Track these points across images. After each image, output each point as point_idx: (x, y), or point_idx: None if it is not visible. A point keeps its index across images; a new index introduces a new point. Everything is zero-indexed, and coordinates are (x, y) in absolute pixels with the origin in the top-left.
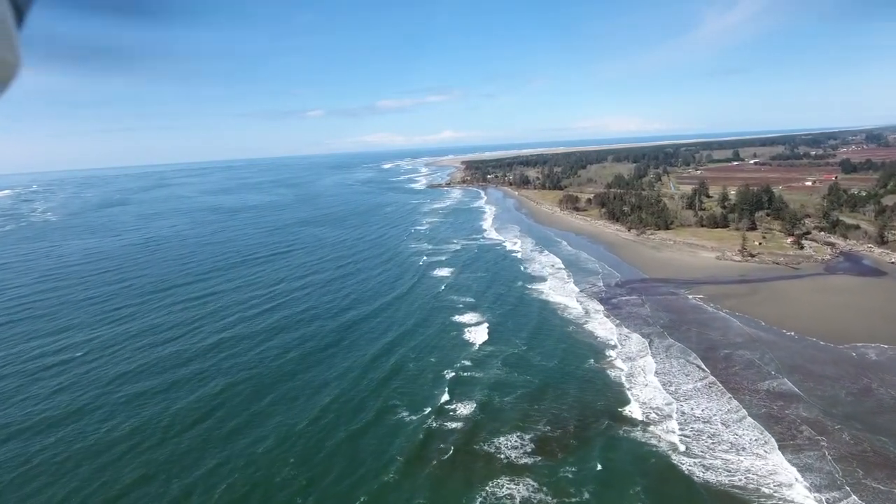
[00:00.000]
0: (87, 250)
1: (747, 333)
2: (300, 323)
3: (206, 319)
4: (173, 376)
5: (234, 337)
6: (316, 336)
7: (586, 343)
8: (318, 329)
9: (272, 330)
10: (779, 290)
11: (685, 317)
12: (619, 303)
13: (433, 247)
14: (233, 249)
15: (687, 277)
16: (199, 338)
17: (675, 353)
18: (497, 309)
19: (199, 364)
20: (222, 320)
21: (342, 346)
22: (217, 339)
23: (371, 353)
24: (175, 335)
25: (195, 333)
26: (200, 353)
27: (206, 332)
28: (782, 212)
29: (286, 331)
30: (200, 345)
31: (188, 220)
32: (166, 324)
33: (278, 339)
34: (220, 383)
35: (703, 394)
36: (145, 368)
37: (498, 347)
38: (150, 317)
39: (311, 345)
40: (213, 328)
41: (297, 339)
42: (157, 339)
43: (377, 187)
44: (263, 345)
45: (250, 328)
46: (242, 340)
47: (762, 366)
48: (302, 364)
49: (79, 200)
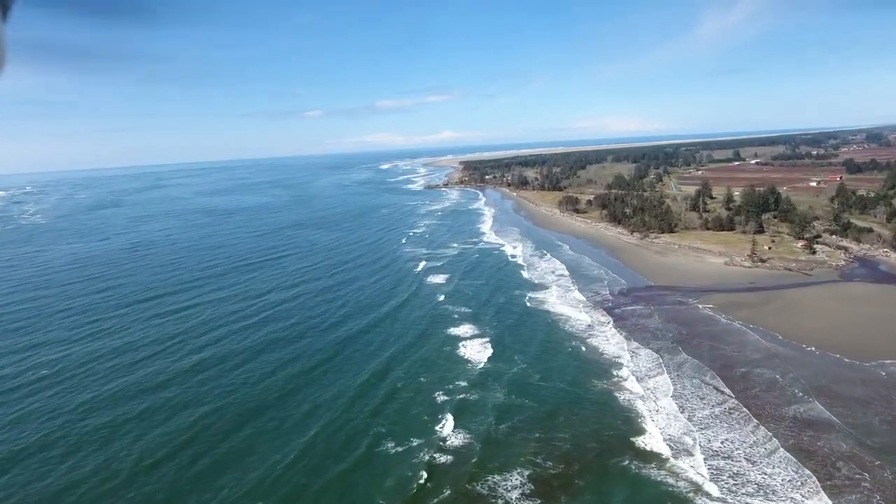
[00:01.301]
0: (72, 255)
1: (765, 348)
2: (288, 339)
3: (188, 335)
4: (147, 402)
5: (217, 355)
6: (305, 354)
7: (592, 360)
8: (308, 346)
9: (258, 347)
10: (793, 299)
11: (696, 329)
12: (625, 313)
13: (430, 251)
14: (223, 255)
15: (695, 285)
16: (179, 356)
17: (688, 371)
18: (496, 321)
19: (176, 388)
20: (205, 335)
21: (333, 366)
22: (198, 358)
23: (363, 376)
24: (153, 353)
25: (175, 351)
26: (179, 375)
27: (186, 350)
28: (790, 214)
29: (273, 348)
30: (179, 365)
31: (180, 223)
32: (145, 340)
33: (264, 359)
34: (197, 411)
35: (725, 421)
36: (117, 392)
37: (497, 366)
38: (129, 331)
39: (299, 365)
40: (194, 345)
41: (285, 358)
42: (133, 358)
43: (374, 188)
44: (247, 364)
45: (234, 345)
46: (225, 359)
47: (785, 387)
48: (288, 387)
49: (71, 202)
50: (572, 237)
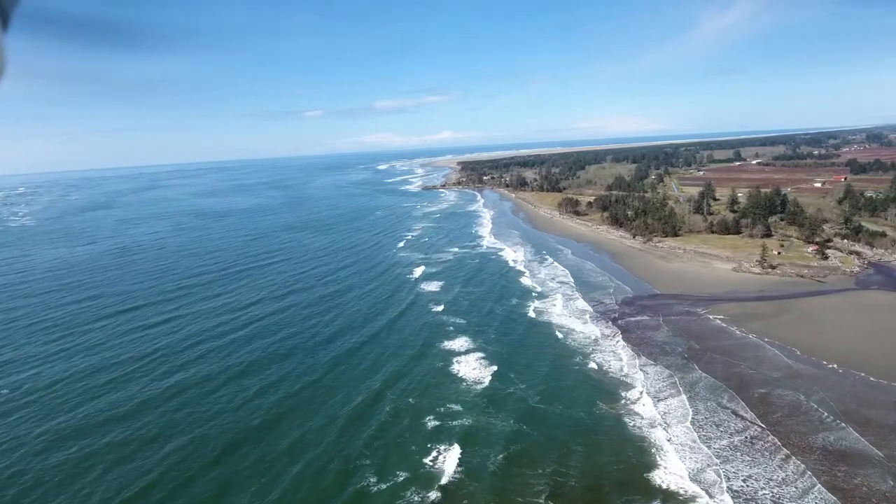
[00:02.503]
0: (57, 260)
1: (783, 365)
2: (275, 358)
3: (167, 352)
4: (115, 432)
5: (196, 376)
6: (292, 375)
7: (598, 379)
8: (295, 366)
9: (241, 367)
10: (809, 310)
11: (708, 343)
12: (631, 325)
13: (426, 256)
14: (211, 260)
15: (703, 293)
16: (155, 377)
17: (703, 391)
18: (495, 335)
19: (148, 415)
20: (185, 353)
21: (321, 389)
22: (175, 380)
23: (354, 401)
24: (127, 373)
25: (151, 370)
26: (152, 400)
27: (164, 370)
28: (798, 216)
29: (257, 368)
30: (154, 387)
31: (170, 226)
32: (120, 357)
33: (247, 381)
34: (170, 443)
35: (749, 451)
36: (80, 422)
37: (496, 388)
38: (104, 347)
39: (284, 388)
40: (173, 364)
41: (270, 379)
42: (105, 379)
43: (370, 189)
44: (229, 387)
45: (216, 364)
46: (205, 381)
47: (811, 410)
48: (272, 415)
49: (63, 203)
50: (573, 241)
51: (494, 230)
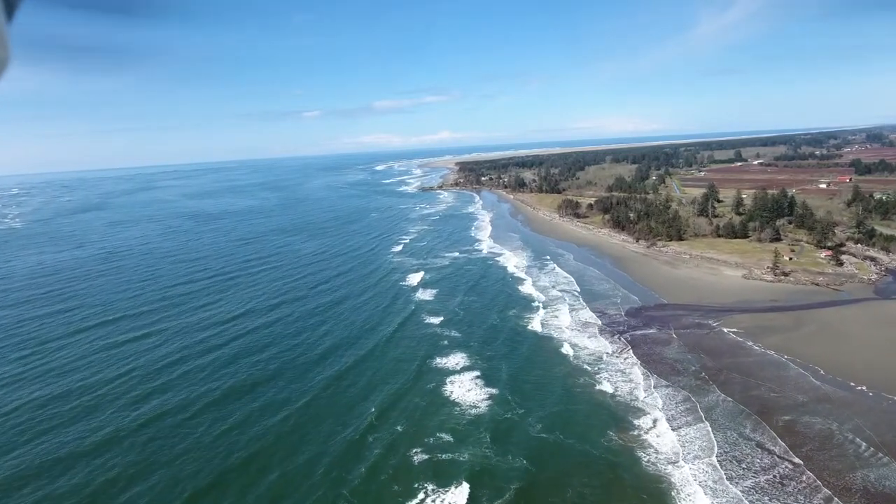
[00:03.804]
0: (39, 266)
1: (809, 387)
2: (258, 381)
3: (140, 373)
4: (69, 476)
5: (169, 403)
6: (276, 402)
7: (607, 404)
8: (281, 391)
9: (220, 393)
10: (827, 322)
11: (723, 360)
12: (639, 339)
13: (422, 262)
14: (199, 266)
15: (713, 303)
16: (124, 404)
17: (722, 417)
18: (494, 352)
19: (110, 452)
20: (161, 374)
21: (307, 420)
22: (146, 408)
23: (343, 436)
24: (94, 399)
25: (121, 396)
26: (118, 434)
27: (134, 397)
28: (807, 219)
29: (239, 394)
30: (121, 418)
31: (160, 229)
32: (89, 380)
33: (226, 409)
34: (129, 491)
35: (782, 492)
36: (35, 458)
37: (494, 414)
38: (74, 366)
39: (267, 418)
40: (146, 389)
41: (252, 407)
42: (68, 407)
43: (367, 190)
44: (206, 416)
45: (193, 388)
46: (179, 409)
47: (846, 441)
48: (250, 451)
49: (55, 205)
50: (574, 245)
51: (493, 234)
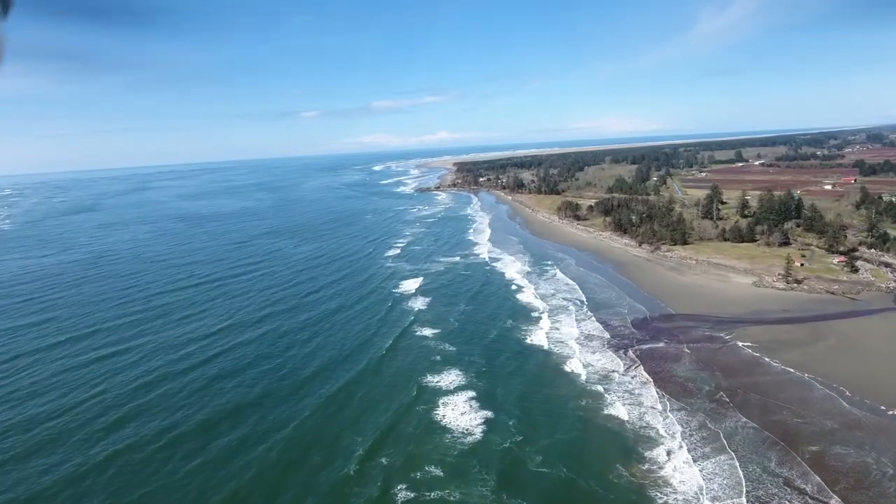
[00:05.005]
0: (22, 270)
1: (836, 411)
2: (239, 407)
3: (110, 398)
4: None
5: (138, 434)
6: (256, 434)
7: (616, 431)
8: (262, 420)
9: (196, 422)
10: (848, 335)
11: (740, 378)
12: (647, 354)
13: (417, 268)
14: (186, 273)
15: (724, 313)
16: (88, 435)
17: (744, 445)
18: (493, 369)
19: (62, 498)
20: (132, 399)
21: (290, 455)
22: (111, 440)
23: (329, 478)
24: (54, 428)
25: (85, 426)
26: (77, 473)
27: (100, 427)
28: (816, 223)
29: (215, 423)
30: (82, 454)
31: (150, 231)
32: (53, 405)
33: (199, 442)
34: None
35: None
36: None
37: (490, 441)
38: (37, 389)
39: (245, 454)
40: (113, 417)
41: (230, 438)
42: (25, 440)
43: (363, 191)
44: (177, 449)
45: (165, 417)
46: (147, 443)
47: (885, 478)
48: (223, 495)
49: (46, 206)
50: (575, 249)
51: (491, 237)
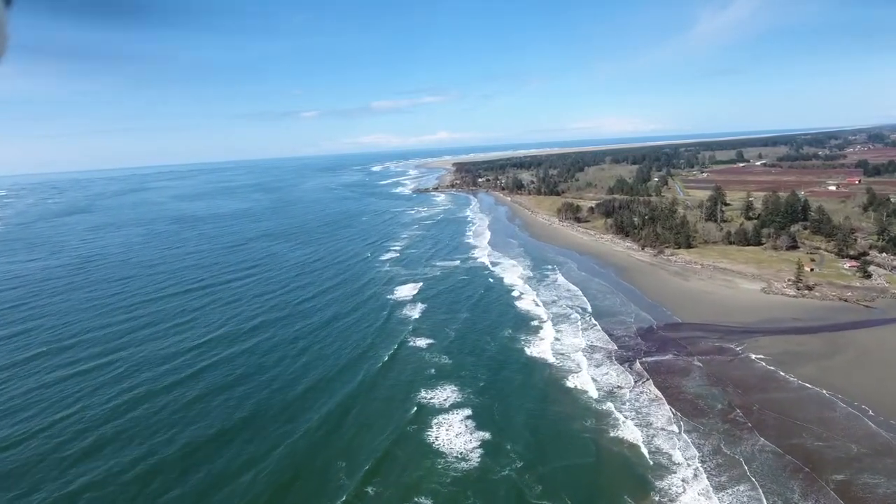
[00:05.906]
0: (6, 276)
1: (862, 433)
2: (224, 434)
3: (86, 418)
4: None
5: (111, 462)
6: (242, 464)
7: (622, 454)
8: (244, 448)
9: (175, 448)
10: (866, 346)
11: (754, 395)
12: (654, 367)
13: (414, 273)
14: (175, 277)
15: (733, 322)
16: (57, 464)
17: (764, 471)
18: (489, 383)
19: None
20: (110, 419)
21: (275, 492)
22: (82, 470)
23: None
24: (18, 462)
25: (56, 451)
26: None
27: (72, 453)
28: (824, 225)
29: (198, 450)
30: (47, 488)
31: (143, 233)
32: (19, 429)
33: (178, 471)
34: None
35: None
36: None
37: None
38: (13, 407)
39: (226, 487)
40: (85, 442)
41: (212, 471)
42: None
43: (361, 192)
44: (153, 481)
45: (143, 441)
46: (121, 473)
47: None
48: None
49: (40, 207)
50: (576, 253)
51: (491, 240)
